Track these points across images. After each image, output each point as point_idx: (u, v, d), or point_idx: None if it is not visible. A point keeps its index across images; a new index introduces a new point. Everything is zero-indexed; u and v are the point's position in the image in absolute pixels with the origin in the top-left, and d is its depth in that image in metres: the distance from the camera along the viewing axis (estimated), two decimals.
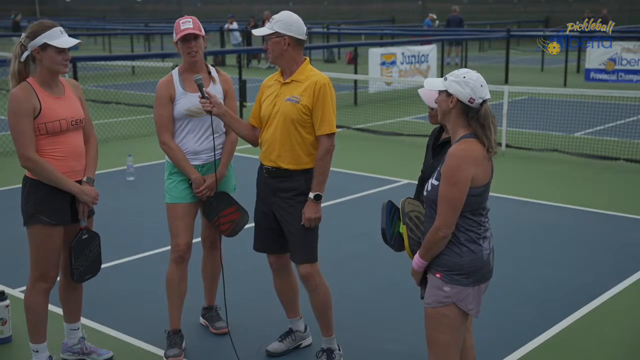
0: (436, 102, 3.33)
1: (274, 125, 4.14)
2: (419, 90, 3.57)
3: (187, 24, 4.36)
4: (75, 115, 4.09)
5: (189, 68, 4.46)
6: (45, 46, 3.94)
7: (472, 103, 3.18)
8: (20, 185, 4.14)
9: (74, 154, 4.09)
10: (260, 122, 4.29)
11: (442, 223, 3.17)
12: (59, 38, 3.95)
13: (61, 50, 3.96)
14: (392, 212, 3.58)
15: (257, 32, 4.19)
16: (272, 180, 4.22)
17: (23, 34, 4.05)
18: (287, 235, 4.24)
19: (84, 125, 4.18)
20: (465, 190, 3.14)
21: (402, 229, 3.46)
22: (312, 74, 4.16)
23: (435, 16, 27.17)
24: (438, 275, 3.25)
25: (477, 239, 3.24)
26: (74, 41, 3.97)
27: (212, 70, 4.57)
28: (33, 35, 3.95)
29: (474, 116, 3.19)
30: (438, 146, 3.56)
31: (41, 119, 3.95)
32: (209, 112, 4.19)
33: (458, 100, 3.20)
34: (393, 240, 3.58)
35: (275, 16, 4.14)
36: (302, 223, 4.16)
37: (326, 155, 4.14)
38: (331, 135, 4.14)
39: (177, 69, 4.53)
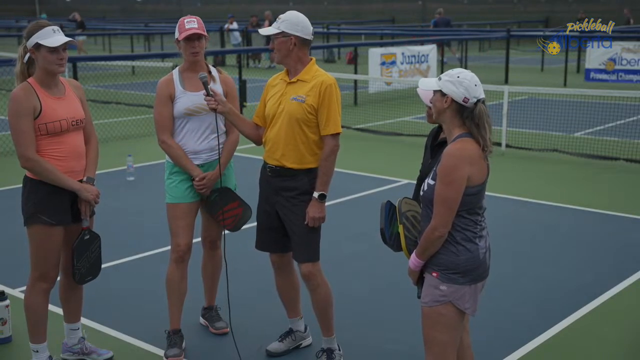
0: (431, 102, 3.33)
1: (279, 124, 4.15)
2: (418, 90, 3.58)
3: (191, 23, 4.36)
4: (75, 115, 4.08)
5: (190, 67, 4.46)
6: (38, 46, 3.93)
7: (466, 102, 3.19)
8: (21, 185, 4.14)
9: (74, 154, 4.09)
10: (264, 121, 4.29)
11: (439, 222, 3.18)
12: (51, 37, 3.92)
13: (54, 50, 3.93)
14: (390, 212, 3.58)
15: (263, 31, 4.19)
16: (275, 179, 4.22)
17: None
18: (289, 234, 4.25)
19: (84, 126, 4.17)
20: (460, 189, 3.15)
21: (399, 228, 3.46)
22: (318, 74, 4.17)
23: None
24: (434, 274, 3.26)
25: (473, 238, 3.24)
26: (64, 39, 3.93)
27: (213, 69, 4.58)
28: (28, 36, 3.95)
29: (469, 115, 3.20)
30: (436, 146, 3.56)
31: (41, 119, 3.95)
32: (214, 110, 4.19)
33: (452, 100, 3.20)
34: (392, 240, 3.57)
35: (281, 16, 4.14)
36: (305, 222, 4.16)
37: (331, 155, 4.15)
38: (336, 135, 4.15)
39: (177, 68, 4.54)
